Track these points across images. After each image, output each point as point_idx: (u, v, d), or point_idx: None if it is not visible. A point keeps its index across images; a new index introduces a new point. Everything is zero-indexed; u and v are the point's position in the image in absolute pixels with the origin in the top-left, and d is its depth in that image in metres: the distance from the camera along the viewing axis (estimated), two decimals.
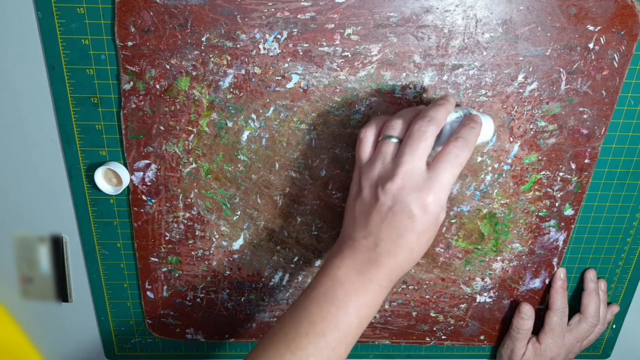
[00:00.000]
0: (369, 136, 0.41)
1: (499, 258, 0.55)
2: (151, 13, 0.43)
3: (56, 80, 0.46)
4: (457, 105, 0.44)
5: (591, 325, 0.56)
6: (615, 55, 0.45)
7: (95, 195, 0.51)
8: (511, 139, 0.48)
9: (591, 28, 0.44)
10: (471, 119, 0.40)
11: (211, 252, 0.54)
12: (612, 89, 0.46)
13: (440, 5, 0.43)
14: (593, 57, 0.45)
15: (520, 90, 0.46)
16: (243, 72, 0.45)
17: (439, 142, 0.40)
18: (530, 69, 0.45)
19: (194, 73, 0.45)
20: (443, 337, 0.60)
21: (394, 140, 0.39)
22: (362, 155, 0.41)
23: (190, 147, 0.48)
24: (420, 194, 0.37)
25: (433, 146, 0.39)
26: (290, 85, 0.46)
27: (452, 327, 0.59)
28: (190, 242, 0.53)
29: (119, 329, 0.59)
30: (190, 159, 0.49)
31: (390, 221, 0.38)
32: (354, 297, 0.39)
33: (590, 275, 0.56)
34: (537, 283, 0.56)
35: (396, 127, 0.39)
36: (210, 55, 0.44)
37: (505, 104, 0.47)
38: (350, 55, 0.44)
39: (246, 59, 0.44)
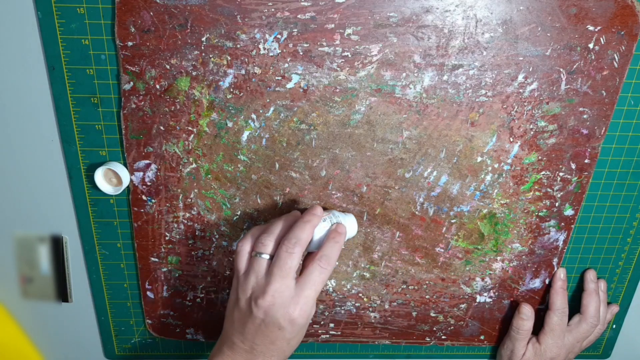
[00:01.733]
0: (244, 250, 0.45)
1: (499, 258, 0.55)
2: (151, 13, 0.43)
3: (56, 80, 0.46)
4: (325, 209, 0.49)
5: (591, 326, 0.56)
6: (615, 55, 0.45)
7: (95, 195, 0.51)
8: (511, 139, 0.48)
9: (591, 28, 0.44)
10: (336, 232, 0.45)
11: (211, 252, 0.54)
12: (612, 89, 0.46)
13: (440, 5, 0.43)
14: (593, 57, 0.45)
15: (520, 90, 0.46)
16: (243, 72, 0.45)
17: (310, 248, 0.45)
18: (530, 69, 0.45)
19: (194, 73, 0.45)
20: (443, 337, 0.60)
21: (265, 257, 0.43)
22: (239, 267, 0.45)
23: (190, 147, 0.48)
24: (287, 309, 0.42)
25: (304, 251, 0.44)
26: (290, 85, 0.46)
27: (452, 327, 0.59)
28: (190, 242, 0.53)
29: (119, 329, 0.59)
30: (190, 159, 0.49)
31: (263, 331, 0.43)
32: None
33: (590, 275, 0.56)
34: (537, 283, 0.56)
35: (267, 244, 0.44)
36: (210, 55, 0.44)
37: (505, 104, 0.47)
38: (350, 55, 0.44)
39: (246, 59, 0.44)
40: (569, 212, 0.52)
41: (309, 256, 0.46)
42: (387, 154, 0.49)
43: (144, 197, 0.50)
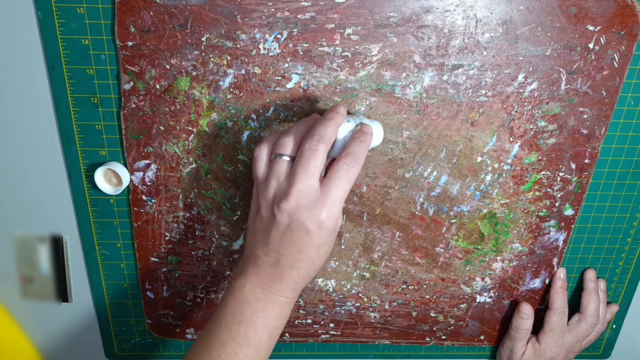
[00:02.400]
0: (262, 155, 0.41)
1: (499, 258, 0.55)
2: (151, 13, 0.42)
3: (56, 80, 0.46)
4: (349, 113, 0.45)
5: (591, 325, 0.56)
6: (615, 55, 0.45)
7: (95, 195, 0.51)
8: (511, 139, 0.48)
9: (591, 28, 0.44)
10: (361, 132, 0.41)
11: (211, 252, 0.54)
12: (612, 89, 0.46)
13: (440, 5, 0.43)
14: (593, 57, 0.45)
15: (520, 90, 0.46)
16: (243, 72, 0.45)
17: (333, 153, 0.42)
18: (530, 69, 0.45)
19: (194, 73, 0.45)
20: (443, 337, 0.60)
21: (286, 158, 0.40)
22: (257, 173, 0.42)
23: (190, 147, 0.48)
24: (314, 211, 0.39)
25: (327, 156, 0.40)
26: (290, 85, 0.46)
27: (452, 327, 0.59)
28: (190, 242, 0.53)
29: (119, 329, 0.59)
30: (190, 159, 0.49)
31: (288, 238, 0.39)
32: (262, 313, 0.41)
33: (590, 275, 0.56)
34: (537, 283, 0.56)
35: (287, 145, 0.40)
36: (210, 55, 0.44)
37: (505, 104, 0.47)
38: (350, 55, 0.44)
39: (246, 59, 0.44)
40: (569, 212, 0.52)
41: (333, 161, 0.41)
42: (387, 154, 0.49)
43: (144, 197, 0.50)
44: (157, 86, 0.45)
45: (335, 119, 0.41)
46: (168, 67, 0.45)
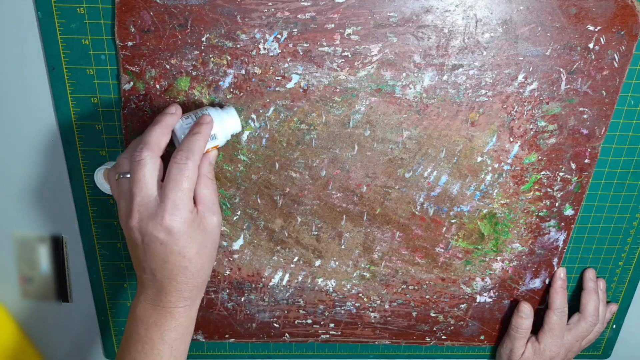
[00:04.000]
0: (111, 177, 0.42)
1: (499, 258, 0.55)
2: (151, 13, 0.42)
3: (56, 80, 0.46)
4: (199, 107, 0.44)
5: (590, 325, 0.56)
6: (615, 55, 0.45)
7: (95, 195, 0.51)
8: (511, 139, 0.48)
9: (591, 28, 0.44)
10: (197, 123, 0.41)
11: None
12: (612, 89, 0.46)
13: (440, 5, 0.43)
14: (593, 57, 0.45)
15: (520, 90, 0.46)
16: (243, 72, 0.45)
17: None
18: (530, 69, 0.45)
19: (194, 73, 0.45)
20: (443, 337, 0.60)
21: (127, 176, 0.40)
22: (114, 196, 0.42)
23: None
24: (156, 219, 0.38)
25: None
26: (290, 85, 0.46)
27: (452, 327, 0.59)
28: None
29: (119, 329, 0.59)
30: None
31: (149, 252, 0.39)
32: (154, 328, 0.41)
33: (590, 274, 0.56)
34: (537, 283, 0.56)
35: (123, 163, 0.40)
36: (210, 55, 0.44)
37: (505, 104, 0.47)
38: (350, 55, 0.44)
39: (246, 59, 0.44)
40: (569, 212, 0.52)
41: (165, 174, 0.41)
42: (387, 154, 0.49)
43: None
44: (157, 86, 0.45)
45: (161, 122, 0.40)
46: (168, 67, 0.45)
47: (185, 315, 0.42)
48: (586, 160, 0.50)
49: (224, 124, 0.43)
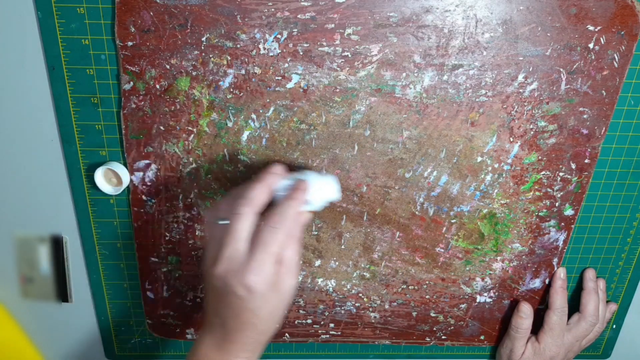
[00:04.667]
0: (208, 219, 0.43)
1: (499, 258, 0.55)
2: (151, 13, 0.42)
3: (56, 80, 0.46)
4: (301, 170, 0.46)
5: (590, 324, 0.56)
6: (615, 55, 0.45)
7: (95, 195, 0.51)
8: (511, 139, 0.48)
9: (591, 28, 0.44)
10: (294, 188, 0.42)
11: None
12: (612, 89, 0.46)
13: (440, 5, 0.43)
14: (593, 57, 0.45)
15: (520, 90, 0.46)
16: (243, 72, 0.45)
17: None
18: (530, 69, 0.45)
19: (194, 73, 0.45)
20: (443, 337, 0.60)
21: (221, 222, 0.40)
22: (205, 237, 0.42)
23: (190, 147, 0.48)
24: (240, 275, 0.39)
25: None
26: (290, 85, 0.46)
27: (452, 327, 0.59)
28: (190, 242, 0.53)
29: (119, 329, 0.59)
30: (190, 159, 0.49)
31: (225, 302, 0.40)
32: None
33: (589, 274, 0.56)
34: (537, 283, 0.56)
35: (221, 209, 0.41)
36: (210, 55, 0.44)
37: (505, 104, 0.47)
38: (350, 55, 0.44)
39: (246, 59, 0.44)
40: (569, 212, 0.52)
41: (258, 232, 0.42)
42: (387, 154, 0.49)
43: (144, 197, 0.50)
44: (157, 86, 0.45)
45: (264, 180, 0.41)
46: (168, 67, 0.45)
47: None
48: (586, 160, 0.50)
49: (322, 191, 0.43)
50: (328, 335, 0.59)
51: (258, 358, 0.43)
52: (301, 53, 0.44)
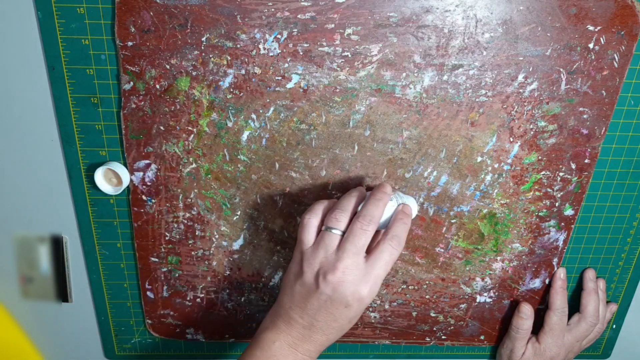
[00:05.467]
0: (312, 222, 0.44)
1: (499, 258, 0.55)
2: (151, 13, 0.42)
3: (56, 80, 0.46)
4: (395, 191, 0.48)
5: (590, 325, 0.56)
6: (615, 55, 0.45)
7: (95, 195, 0.51)
8: (511, 139, 0.48)
9: (591, 28, 0.44)
10: (403, 213, 0.44)
11: (211, 252, 0.54)
12: (612, 89, 0.46)
13: (440, 5, 0.43)
14: (593, 57, 0.45)
15: (520, 90, 0.46)
16: (243, 72, 0.45)
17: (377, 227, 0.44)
18: (530, 69, 0.45)
19: (194, 73, 0.45)
20: (443, 337, 0.60)
21: (337, 232, 0.42)
22: (305, 239, 0.44)
23: (190, 147, 0.48)
24: (357, 287, 0.41)
25: None
26: (290, 85, 0.46)
27: (452, 327, 0.59)
28: (190, 242, 0.53)
29: (119, 329, 0.59)
30: (190, 159, 0.49)
31: (327, 308, 0.42)
32: None
33: (589, 274, 0.56)
34: (537, 283, 0.56)
35: (341, 220, 0.43)
36: (210, 55, 0.44)
37: (505, 104, 0.47)
38: (350, 55, 0.44)
39: (246, 59, 0.44)
40: (569, 212, 0.52)
41: (376, 236, 0.44)
42: (387, 154, 0.49)
43: (144, 197, 0.50)
44: (157, 86, 0.45)
45: (383, 199, 0.44)
46: (168, 67, 0.45)
47: None
48: (586, 160, 0.50)
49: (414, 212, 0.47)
50: None
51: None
52: (301, 53, 0.44)
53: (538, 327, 0.57)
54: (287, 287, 0.44)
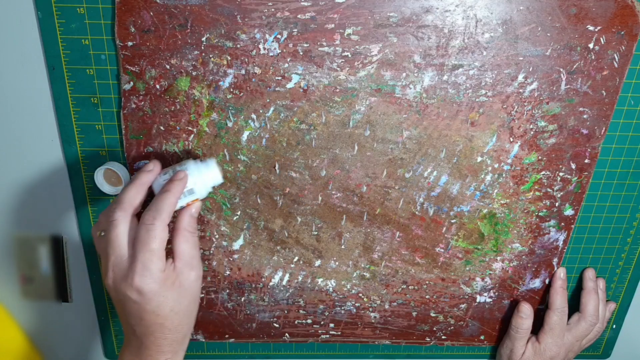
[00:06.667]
0: (94, 233, 0.42)
1: (499, 258, 0.55)
2: (151, 13, 0.42)
3: (56, 80, 0.46)
4: (180, 161, 0.45)
5: (590, 324, 0.56)
6: (615, 55, 0.45)
7: (95, 195, 0.51)
8: (511, 139, 0.48)
9: (591, 28, 0.44)
10: (169, 182, 0.41)
11: (211, 252, 0.54)
12: (612, 89, 0.46)
13: (440, 5, 0.43)
14: (593, 57, 0.45)
15: (520, 90, 0.46)
16: (243, 72, 0.45)
17: None
18: (530, 69, 0.45)
19: (194, 73, 0.45)
20: (443, 337, 0.60)
21: (101, 234, 0.41)
22: (97, 252, 0.42)
23: (190, 147, 0.48)
24: (127, 280, 0.39)
25: None
26: (290, 85, 0.46)
27: (452, 327, 0.59)
28: None
29: (119, 329, 0.59)
30: (191, 159, 0.49)
31: (126, 310, 0.40)
32: None
33: (589, 274, 0.56)
34: (537, 283, 0.56)
35: (101, 221, 0.41)
36: (210, 55, 0.44)
37: (505, 104, 0.47)
38: (350, 55, 0.44)
39: (246, 59, 0.44)
40: (569, 212, 0.52)
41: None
42: (387, 154, 0.49)
43: None
44: (157, 86, 0.45)
45: (136, 180, 0.41)
46: (168, 67, 0.45)
47: None
48: (586, 160, 0.50)
49: (203, 177, 0.43)
50: (328, 335, 0.59)
51: (182, 355, 0.43)
52: (301, 53, 0.44)
53: (538, 327, 0.57)
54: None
